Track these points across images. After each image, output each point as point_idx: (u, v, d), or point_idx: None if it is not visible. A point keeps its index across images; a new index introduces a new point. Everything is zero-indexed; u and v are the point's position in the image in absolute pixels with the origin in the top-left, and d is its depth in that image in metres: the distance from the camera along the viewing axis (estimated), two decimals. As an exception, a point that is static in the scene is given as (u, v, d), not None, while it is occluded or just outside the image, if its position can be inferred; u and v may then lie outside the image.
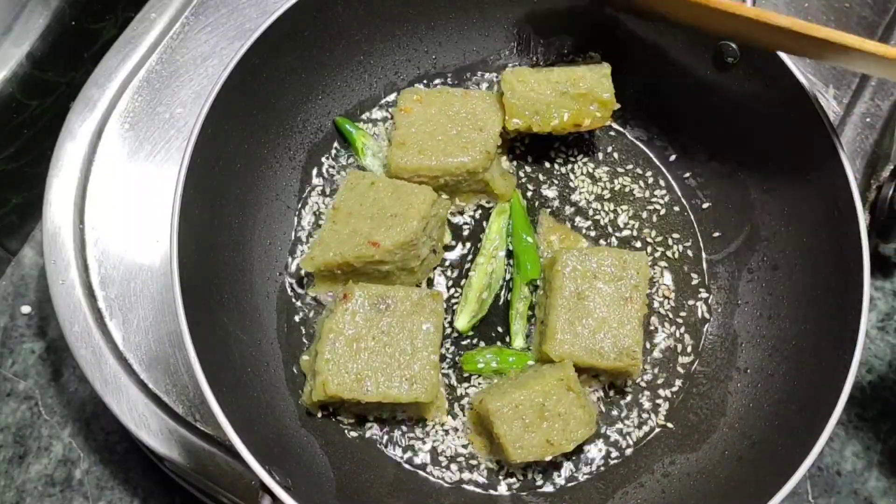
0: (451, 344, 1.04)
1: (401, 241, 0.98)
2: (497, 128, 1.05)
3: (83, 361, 1.04)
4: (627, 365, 0.97)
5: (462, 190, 1.09)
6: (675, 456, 1.00)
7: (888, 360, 1.23)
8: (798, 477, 0.84)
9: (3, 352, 1.22)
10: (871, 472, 1.17)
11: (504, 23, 1.13)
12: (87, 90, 1.17)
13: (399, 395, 0.93)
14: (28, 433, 1.18)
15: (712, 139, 1.10)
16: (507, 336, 1.05)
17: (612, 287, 0.99)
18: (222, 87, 0.94)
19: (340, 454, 0.98)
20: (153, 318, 1.07)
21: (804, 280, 1.00)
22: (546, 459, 0.96)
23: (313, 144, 1.11)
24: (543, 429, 0.93)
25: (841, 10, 1.26)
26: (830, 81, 1.23)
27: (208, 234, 0.95)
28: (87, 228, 1.11)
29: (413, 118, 1.06)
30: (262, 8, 1.22)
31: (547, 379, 0.94)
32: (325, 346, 0.94)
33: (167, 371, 1.05)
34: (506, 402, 0.93)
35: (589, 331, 0.98)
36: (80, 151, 1.14)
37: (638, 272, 1.00)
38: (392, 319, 0.96)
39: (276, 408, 0.96)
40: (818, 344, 0.95)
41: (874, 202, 1.14)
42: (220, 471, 1.01)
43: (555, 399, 0.94)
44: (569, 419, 0.94)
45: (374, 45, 1.10)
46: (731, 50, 1.02)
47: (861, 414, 1.20)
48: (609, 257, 1.00)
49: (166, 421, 1.03)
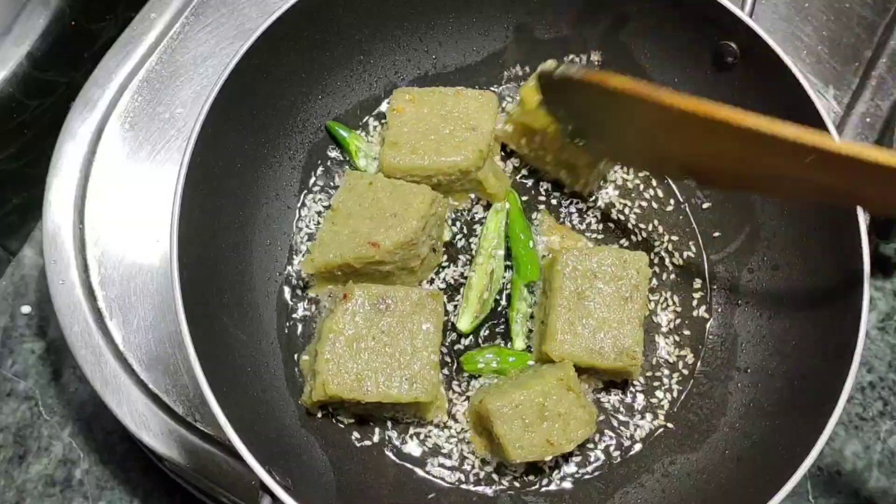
0: (452, 344, 1.04)
1: (401, 240, 0.98)
2: (490, 127, 1.05)
3: (83, 361, 1.04)
4: (627, 365, 0.97)
5: (455, 189, 1.08)
6: (676, 456, 1.00)
7: (888, 360, 1.23)
8: (798, 477, 0.84)
9: (3, 352, 1.22)
10: (871, 472, 1.17)
11: (504, 22, 1.13)
12: (87, 90, 1.17)
13: (399, 395, 0.93)
14: (28, 433, 1.18)
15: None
16: (507, 336, 1.05)
17: (613, 287, 0.99)
18: (222, 87, 0.94)
19: (340, 454, 0.98)
20: (153, 318, 1.07)
21: (804, 280, 1.00)
22: (546, 459, 0.96)
23: (313, 144, 1.11)
24: (543, 429, 0.93)
25: (841, 9, 1.26)
26: (830, 81, 1.23)
27: (208, 234, 0.95)
28: (87, 228, 1.11)
29: (405, 118, 1.06)
30: (262, 8, 1.22)
31: (547, 379, 0.94)
32: (325, 346, 0.94)
33: (167, 371, 1.05)
34: (506, 402, 0.93)
35: (589, 331, 0.98)
36: (80, 151, 1.14)
37: (638, 272, 1.00)
38: (392, 319, 0.96)
39: (276, 408, 0.96)
40: (818, 344, 0.95)
41: (874, 202, 1.14)
42: (220, 471, 1.01)
43: (555, 399, 0.94)
44: (569, 419, 0.94)
45: (374, 45, 1.10)
46: (731, 50, 1.02)
47: (861, 414, 1.20)
48: (609, 257, 1.00)
49: (166, 421, 1.03)
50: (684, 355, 1.06)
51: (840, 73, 1.23)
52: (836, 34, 1.25)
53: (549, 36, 1.14)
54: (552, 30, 1.13)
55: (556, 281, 1.00)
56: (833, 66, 1.23)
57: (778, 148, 0.80)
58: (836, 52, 1.24)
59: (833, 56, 1.24)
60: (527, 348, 1.04)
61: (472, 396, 1.01)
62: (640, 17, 1.08)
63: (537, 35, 1.14)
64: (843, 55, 1.24)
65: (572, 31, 1.13)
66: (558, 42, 1.14)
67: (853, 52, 1.24)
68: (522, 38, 1.14)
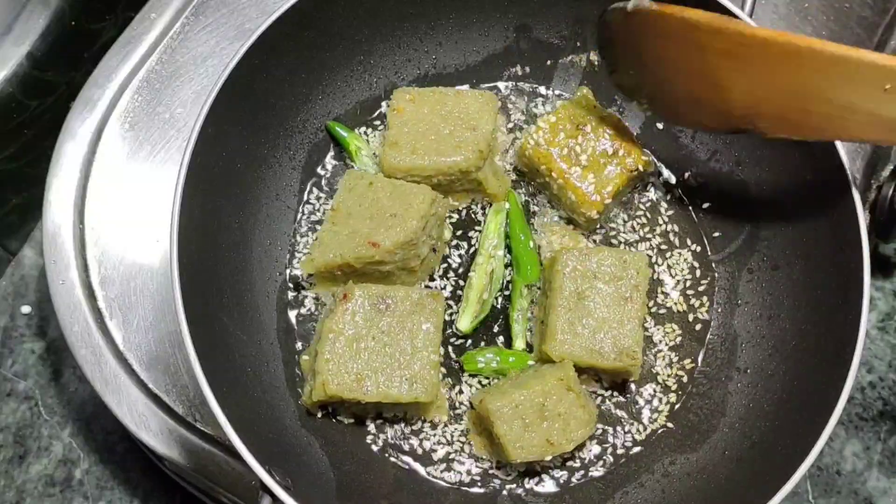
0: (451, 344, 1.04)
1: (401, 240, 0.98)
2: (489, 127, 1.05)
3: (83, 361, 1.04)
4: (627, 365, 0.97)
5: (455, 189, 1.08)
6: (676, 456, 1.00)
7: (888, 360, 1.23)
8: (798, 477, 0.84)
9: (3, 352, 1.22)
10: (871, 472, 1.17)
11: (504, 23, 1.13)
12: (87, 90, 1.17)
13: (399, 395, 0.93)
14: (28, 433, 1.18)
15: (712, 139, 1.10)
16: (507, 335, 1.05)
17: (612, 287, 0.99)
18: (222, 87, 0.94)
19: (340, 454, 0.98)
20: (153, 318, 1.07)
21: (804, 280, 1.00)
22: (546, 459, 0.96)
23: (313, 144, 1.11)
24: (543, 428, 0.93)
25: (841, 9, 1.26)
26: (830, 81, 1.23)
27: (208, 234, 0.95)
28: (87, 228, 1.11)
29: (406, 118, 1.06)
30: (262, 8, 1.22)
31: (547, 379, 0.95)
32: (324, 346, 0.94)
33: (167, 371, 1.05)
34: (506, 402, 0.93)
35: (589, 331, 0.98)
36: (80, 151, 1.14)
37: (638, 272, 1.00)
38: (392, 319, 0.96)
39: (276, 408, 0.96)
40: (818, 344, 0.95)
41: (874, 202, 1.14)
42: (220, 471, 1.01)
43: (555, 399, 0.94)
44: (569, 419, 0.94)
45: (374, 45, 1.10)
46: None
47: (861, 414, 1.20)
48: (609, 257, 1.00)
49: (166, 421, 1.03)
50: (684, 355, 1.06)
51: (840, 73, 1.23)
52: (836, 34, 1.25)
53: (549, 36, 1.14)
54: (552, 30, 1.13)
55: (556, 281, 1.00)
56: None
57: (859, 75, 0.79)
58: (836, 52, 1.24)
59: (833, 56, 1.24)
60: (527, 348, 1.04)
61: (473, 396, 1.01)
62: (640, 17, 1.08)
63: (537, 35, 1.14)
64: (843, 55, 1.24)
65: (572, 31, 1.13)
66: (558, 42, 1.14)
67: (853, 52, 1.24)
68: (522, 38, 1.14)
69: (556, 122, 1.06)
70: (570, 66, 1.16)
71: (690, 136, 1.12)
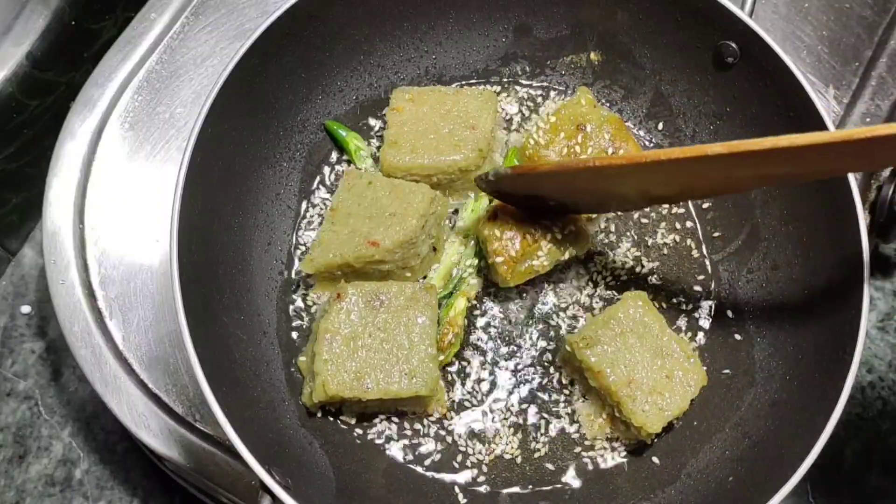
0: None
1: (400, 240, 0.98)
2: (489, 126, 1.05)
3: (83, 361, 1.04)
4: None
5: (455, 188, 1.08)
6: (676, 456, 1.00)
7: (888, 360, 1.23)
8: (798, 477, 0.84)
9: (3, 352, 1.22)
10: (871, 472, 1.17)
11: (504, 22, 1.13)
12: (87, 90, 1.17)
13: (399, 390, 0.93)
14: (28, 433, 1.18)
15: (712, 139, 1.10)
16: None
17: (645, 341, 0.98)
18: (222, 87, 0.94)
19: (340, 454, 0.98)
20: (153, 318, 1.07)
21: (804, 280, 1.00)
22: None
23: (313, 144, 1.11)
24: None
25: (841, 9, 1.26)
26: (830, 81, 1.23)
27: (208, 234, 0.95)
28: (87, 228, 1.11)
29: (405, 117, 1.06)
30: (262, 8, 1.22)
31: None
32: (322, 346, 0.94)
33: (167, 371, 1.05)
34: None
35: (653, 389, 0.96)
36: (80, 151, 1.14)
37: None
38: (387, 315, 0.96)
39: (276, 408, 0.96)
40: (818, 344, 0.95)
41: (874, 202, 1.14)
42: (220, 471, 1.01)
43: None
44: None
45: (374, 45, 1.10)
46: (731, 50, 1.02)
47: (861, 414, 1.20)
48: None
49: (166, 421, 1.03)
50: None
51: (840, 73, 1.23)
52: (836, 34, 1.25)
53: (549, 36, 1.14)
54: (552, 30, 1.13)
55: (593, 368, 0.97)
56: (833, 66, 1.23)
57: (709, 164, 0.80)
58: (836, 52, 1.24)
59: (833, 56, 1.24)
60: None
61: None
62: (640, 16, 1.08)
63: (537, 35, 1.14)
64: (843, 55, 1.24)
65: (572, 31, 1.13)
66: (558, 42, 1.14)
67: (853, 52, 1.24)
68: (522, 38, 1.14)
69: (556, 122, 1.06)
70: (570, 66, 1.16)
71: (690, 137, 1.12)
